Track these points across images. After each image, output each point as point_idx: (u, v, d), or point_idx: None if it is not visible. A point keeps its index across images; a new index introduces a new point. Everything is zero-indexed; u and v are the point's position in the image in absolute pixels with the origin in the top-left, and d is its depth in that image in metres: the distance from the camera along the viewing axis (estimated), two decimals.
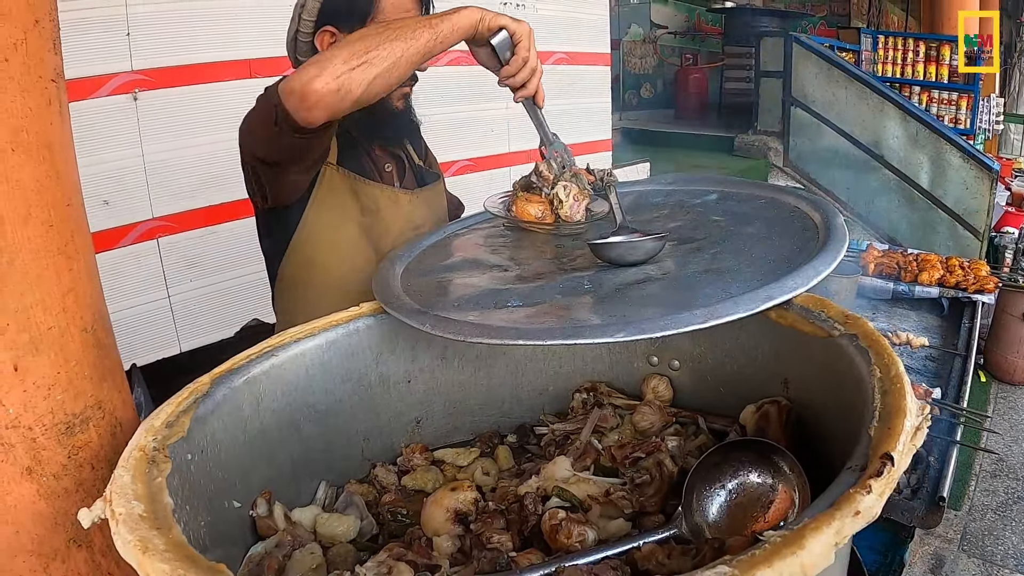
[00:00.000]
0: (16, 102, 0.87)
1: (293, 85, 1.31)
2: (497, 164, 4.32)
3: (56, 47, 0.98)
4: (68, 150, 0.99)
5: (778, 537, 0.55)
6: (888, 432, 0.67)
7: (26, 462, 0.88)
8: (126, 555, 0.65)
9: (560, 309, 1.14)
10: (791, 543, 0.54)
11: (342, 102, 1.32)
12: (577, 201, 1.52)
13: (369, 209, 1.66)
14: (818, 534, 0.55)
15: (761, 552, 0.54)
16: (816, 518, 0.56)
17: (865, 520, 0.57)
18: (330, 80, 1.28)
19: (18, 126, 0.88)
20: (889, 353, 0.83)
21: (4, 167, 0.85)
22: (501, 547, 0.91)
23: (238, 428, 1.03)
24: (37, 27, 0.91)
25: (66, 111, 0.99)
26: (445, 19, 1.38)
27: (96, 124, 2.64)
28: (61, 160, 0.96)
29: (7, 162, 0.86)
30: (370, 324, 1.27)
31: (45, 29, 0.94)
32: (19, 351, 0.87)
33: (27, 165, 0.89)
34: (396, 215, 1.69)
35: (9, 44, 0.86)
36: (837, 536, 0.54)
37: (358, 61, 1.30)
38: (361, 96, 1.33)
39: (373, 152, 1.74)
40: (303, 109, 1.32)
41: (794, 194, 1.47)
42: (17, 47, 0.88)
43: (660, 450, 1.04)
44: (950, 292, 3.10)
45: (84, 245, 0.99)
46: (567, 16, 4.63)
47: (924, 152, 6.21)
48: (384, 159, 1.76)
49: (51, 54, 0.96)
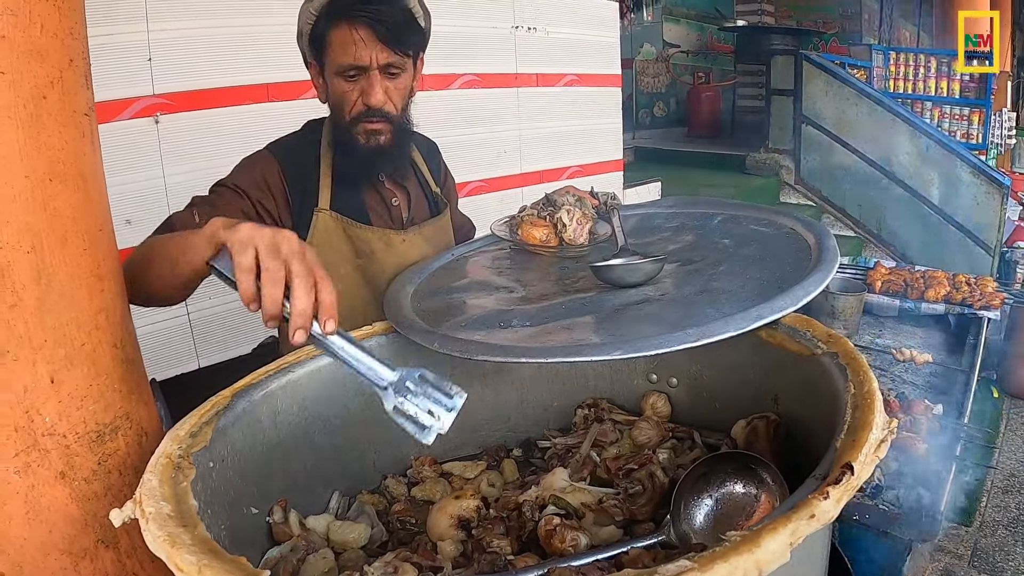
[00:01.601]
0: (54, 136, 0.94)
1: None
2: (509, 185, 4.37)
3: (88, 83, 1.05)
4: (100, 179, 1.06)
5: (738, 536, 0.60)
6: (853, 444, 0.72)
7: (60, 467, 0.95)
8: (155, 549, 0.71)
9: (562, 329, 1.19)
10: (748, 542, 0.59)
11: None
12: (580, 225, 1.58)
13: (363, 252, 1.70)
14: (774, 534, 0.60)
15: (720, 549, 0.59)
16: (774, 520, 0.62)
17: (820, 523, 0.62)
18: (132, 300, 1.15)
19: (56, 158, 0.94)
20: (865, 371, 0.89)
21: (43, 196, 0.92)
22: (500, 551, 0.97)
23: (256, 439, 1.09)
24: (72, 66, 0.98)
25: (97, 142, 1.06)
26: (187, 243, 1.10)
27: (119, 146, 2.71)
28: (94, 188, 1.03)
29: (46, 191, 0.93)
30: (382, 342, 1.33)
31: (78, 67, 1.00)
32: (56, 365, 0.93)
33: (64, 194, 0.95)
34: (390, 256, 1.71)
35: (47, 82, 0.93)
36: (792, 537, 0.60)
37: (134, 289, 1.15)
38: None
39: (381, 187, 1.76)
40: None
41: (790, 216, 1.52)
42: (54, 85, 0.94)
43: (652, 462, 1.10)
44: (956, 308, 3.11)
45: (114, 267, 1.06)
46: (578, 39, 4.69)
47: (934, 168, 6.21)
48: (392, 193, 1.78)
49: (84, 90, 1.03)
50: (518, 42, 4.27)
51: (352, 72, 1.58)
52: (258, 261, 0.95)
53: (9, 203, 0.88)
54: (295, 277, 0.94)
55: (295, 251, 0.96)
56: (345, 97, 1.60)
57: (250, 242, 0.96)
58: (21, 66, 0.89)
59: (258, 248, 0.96)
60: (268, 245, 0.96)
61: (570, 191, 1.71)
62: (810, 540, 0.69)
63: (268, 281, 0.94)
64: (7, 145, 0.88)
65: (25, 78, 0.90)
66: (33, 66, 0.91)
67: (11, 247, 0.88)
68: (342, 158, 1.68)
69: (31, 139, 0.90)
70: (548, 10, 4.45)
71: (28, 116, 0.90)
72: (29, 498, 0.92)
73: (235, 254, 0.96)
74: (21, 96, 0.89)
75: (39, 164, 0.92)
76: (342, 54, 1.56)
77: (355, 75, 1.58)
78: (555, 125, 4.61)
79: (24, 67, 0.90)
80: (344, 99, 1.61)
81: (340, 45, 1.56)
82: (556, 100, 4.61)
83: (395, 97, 1.62)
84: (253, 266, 0.95)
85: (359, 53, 1.54)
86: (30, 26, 0.90)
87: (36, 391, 0.92)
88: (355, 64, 1.56)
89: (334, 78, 1.60)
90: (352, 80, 1.59)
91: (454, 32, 1.62)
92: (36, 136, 0.91)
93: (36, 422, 0.92)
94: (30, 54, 0.90)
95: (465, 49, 3.92)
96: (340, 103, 1.62)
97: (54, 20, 0.94)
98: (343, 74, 1.58)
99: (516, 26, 4.23)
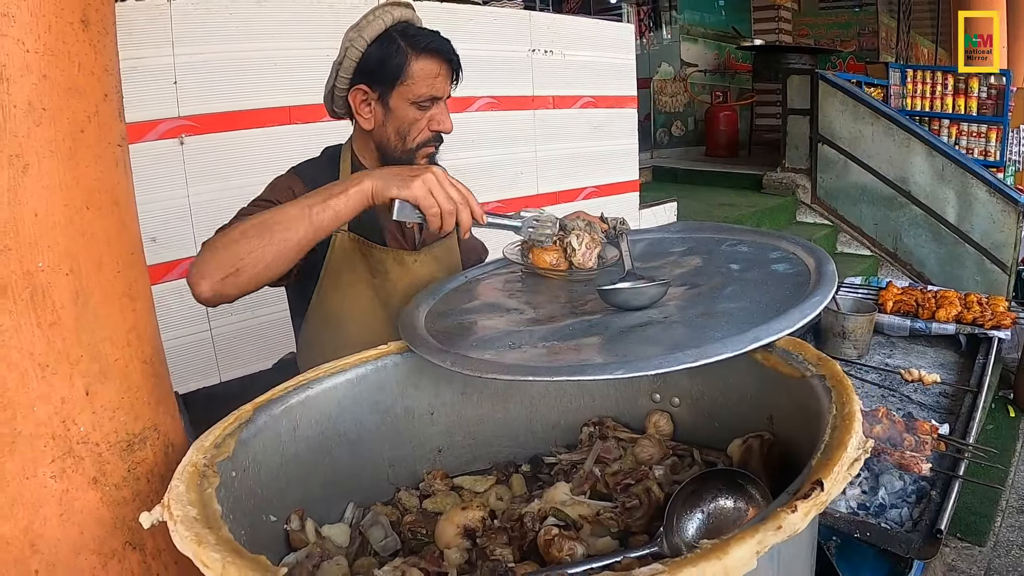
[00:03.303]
0: (90, 166, 1.01)
1: (187, 281, 1.40)
2: (525, 206, 4.40)
3: (121, 116, 1.12)
4: (132, 205, 1.13)
5: (709, 544, 0.65)
6: (826, 462, 0.77)
7: (92, 473, 1.01)
8: (183, 548, 0.77)
9: (568, 349, 1.24)
10: (717, 550, 0.64)
11: (224, 300, 1.41)
12: (589, 249, 1.63)
13: (378, 271, 1.76)
14: (741, 543, 0.65)
15: (691, 556, 0.64)
16: (743, 530, 0.67)
17: (786, 534, 0.67)
18: (206, 289, 1.37)
19: (92, 187, 1.01)
20: (848, 393, 0.94)
21: (81, 222, 0.99)
22: (502, 559, 1.02)
23: (276, 451, 1.15)
24: (106, 100, 1.05)
25: (130, 171, 1.13)
26: (328, 205, 1.38)
27: (145, 167, 2.75)
28: (127, 214, 1.10)
29: (83, 218, 1.00)
30: (397, 361, 1.38)
31: (113, 101, 1.07)
32: (90, 379, 1.00)
33: (99, 220, 1.02)
34: (402, 275, 1.78)
35: (84, 117, 1.00)
36: (759, 546, 0.65)
37: (230, 269, 1.37)
38: (240, 294, 1.41)
39: None
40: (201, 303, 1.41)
41: (793, 241, 1.55)
42: (91, 119, 1.01)
43: (648, 478, 1.15)
44: (967, 328, 3.12)
45: (144, 288, 1.13)
46: (594, 61, 4.73)
47: (950, 186, 6.21)
48: None
49: (118, 122, 1.10)
50: (535, 65, 4.34)
51: (427, 102, 1.68)
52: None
53: (50, 229, 0.95)
54: (460, 208, 1.40)
55: (450, 184, 1.40)
56: (415, 124, 1.70)
57: (425, 192, 1.36)
58: (61, 103, 0.96)
59: (433, 193, 1.37)
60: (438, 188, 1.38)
61: (580, 216, 1.76)
62: (789, 555, 0.74)
63: (450, 217, 1.39)
64: (49, 176, 0.95)
65: (65, 114, 0.97)
66: (72, 102, 0.98)
67: (52, 269, 0.95)
68: None
69: (70, 170, 0.97)
70: (565, 33, 4.51)
71: (67, 149, 0.97)
72: (63, 501, 0.99)
73: (425, 207, 1.38)
74: (61, 131, 0.96)
75: (77, 193, 0.99)
76: (425, 86, 1.66)
77: (428, 105, 1.68)
78: (571, 146, 4.66)
79: (64, 103, 0.97)
80: (413, 126, 1.70)
81: (423, 77, 1.66)
82: (572, 122, 4.66)
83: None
84: (439, 205, 1.37)
85: (439, 85, 1.68)
86: (69, 65, 0.97)
87: (72, 402, 0.98)
88: (434, 95, 1.67)
89: (406, 106, 1.68)
90: (424, 109, 1.68)
91: (472, 56, 1.67)
92: (75, 167, 0.98)
93: (72, 431, 0.99)
94: (69, 91, 0.97)
95: (483, 72, 4.00)
96: (405, 129, 1.70)
97: (90, 59, 1.01)
98: (418, 103, 1.67)
99: (533, 49, 4.29)
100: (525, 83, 4.32)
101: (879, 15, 11.80)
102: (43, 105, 0.94)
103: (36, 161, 0.93)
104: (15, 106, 0.90)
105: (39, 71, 0.93)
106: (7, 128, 0.90)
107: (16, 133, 0.91)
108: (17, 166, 0.91)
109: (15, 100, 0.90)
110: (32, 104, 0.92)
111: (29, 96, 0.92)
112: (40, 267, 0.94)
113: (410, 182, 1.36)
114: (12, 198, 0.91)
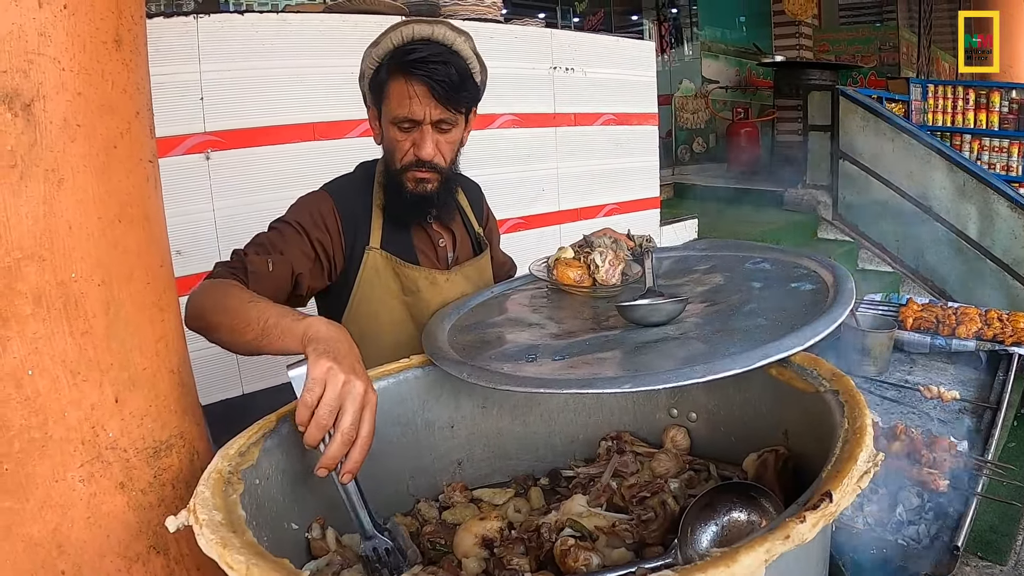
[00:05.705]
0: (123, 182, 1.04)
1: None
2: (547, 222, 4.43)
3: (152, 133, 1.15)
4: (161, 219, 1.16)
5: (719, 552, 0.67)
6: (836, 474, 0.78)
7: (120, 478, 1.04)
8: (208, 551, 0.80)
9: (585, 363, 1.26)
10: (727, 557, 0.66)
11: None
12: (612, 266, 1.65)
13: (410, 289, 1.77)
14: (750, 551, 0.66)
15: (700, 563, 0.66)
16: (752, 539, 0.68)
17: (794, 543, 0.68)
18: (191, 325, 1.37)
19: (124, 201, 1.04)
20: (860, 407, 0.95)
21: (113, 235, 1.02)
22: (519, 568, 1.04)
23: (298, 460, 1.17)
24: (138, 117, 1.09)
25: (159, 186, 1.17)
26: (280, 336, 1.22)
27: (172, 181, 2.76)
28: (156, 228, 1.13)
29: (115, 231, 1.03)
30: (418, 375, 1.41)
31: (144, 118, 1.11)
32: (120, 387, 1.03)
33: (130, 233, 1.05)
34: (434, 295, 1.78)
35: (117, 134, 1.03)
36: (767, 554, 0.66)
37: (200, 324, 1.37)
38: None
39: (429, 229, 1.84)
40: None
41: (812, 259, 1.56)
42: (123, 135, 1.05)
43: (663, 491, 1.16)
44: (987, 345, 3.10)
45: (172, 299, 1.16)
46: (615, 79, 4.74)
47: (972, 202, 6.16)
48: (439, 234, 1.86)
49: (148, 139, 1.14)
50: (556, 83, 4.36)
51: (406, 124, 1.65)
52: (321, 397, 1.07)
53: (84, 241, 0.98)
54: (338, 431, 1.07)
55: (353, 408, 1.08)
56: (398, 145, 1.68)
57: (321, 382, 1.07)
58: (95, 119, 0.99)
59: (326, 391, 1.07)
60: (334, 396, 1.07)
61: (607, 233, 1.78)
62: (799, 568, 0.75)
63: (315, 424, 1.06)
64: (83, 190, 0.98)
65: (98, 130, 1.00)
66: (106, 119, 1.01)
67: (85, 280, 0.98)
68: (392, 200, 1.75)
69: (103, 184, 1.00)
70: (586, 51, 4.53)
71: (101, 164, 1.00)
72: (91, 504, 1.01)
73: (305, 388, 1.08)
74: (95, 146, 0.99)
75: (110, 207, 1.02)
76: (397, 106, 1.64)
77: (409, 127, 1.66)
78: (592, 163, 4.66)
79: (98, 120, 1.00)
80: (396, 147, 1.69)
81: (396, 97, 1.64)
82: (593, 139, 4.66)
83: (445, 150, 1.70)
84: (314, 404, 1.06)
85: (413, 108, 1.62)
86: (102, 83, 1.00)
87: (102, 409, 1.01)
88: (409, 117, 1.64)
89: (389, 126, 1.69)
90: (406, 131, 1.67)
91: (494, 74, 1.69)
92: (108, 182, 1.01)
93: (101, 437, 1.01)
94: (103, 108, 1.01)
95: (505, 90, 4.02)
96: (392, 150, 1.70)
97: (123, 77, 1.04)
98: (397, 124, 1.66)
99: (554, 67, 4.32)
100: (547, 100, 4.33)
101: (900, 30, 11.79)
102: (78, 122, 0.97)
103: (71, 175, 0.96)
104: (51, 122, 0.94)
105: (74, 89, 0.96)
106: (43, 143, 0.93)
107: (52, 148, 0.94)
108: (52, 180, 0.94)
109: (51, 117, 0.93)
110: (67, 121, 0.95)
111: (64, 113, 0.95)
112: (73, 277, 0.97)
113: (324, 363, 1.09)
114: (47, 210, 0.94)
